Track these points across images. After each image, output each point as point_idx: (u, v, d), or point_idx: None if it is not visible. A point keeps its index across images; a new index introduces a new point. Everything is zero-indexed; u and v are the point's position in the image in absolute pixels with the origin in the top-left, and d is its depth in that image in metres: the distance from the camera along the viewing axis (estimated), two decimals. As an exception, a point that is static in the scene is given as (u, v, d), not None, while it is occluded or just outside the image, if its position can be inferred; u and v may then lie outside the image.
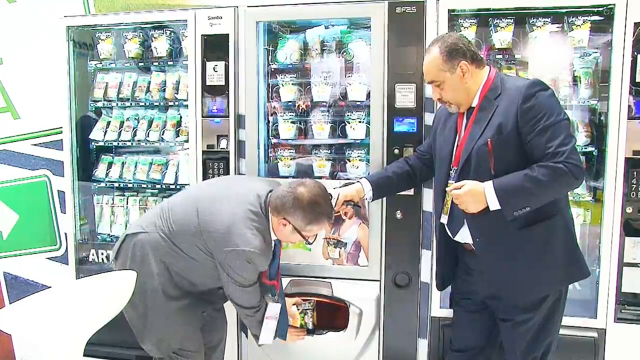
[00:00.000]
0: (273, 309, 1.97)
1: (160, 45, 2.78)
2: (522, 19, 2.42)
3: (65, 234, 3.02)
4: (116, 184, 2.93)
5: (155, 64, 2.85)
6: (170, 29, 2.80)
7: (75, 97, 2.90)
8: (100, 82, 2.96)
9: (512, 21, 2.41)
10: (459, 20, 2.43)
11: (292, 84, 2.60)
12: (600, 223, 2.26)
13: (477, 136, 1.76)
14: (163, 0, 3.15)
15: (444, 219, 1.89)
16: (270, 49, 2.62)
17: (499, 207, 1.68)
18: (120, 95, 2.91)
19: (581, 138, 2.37)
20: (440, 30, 2.29)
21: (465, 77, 1.79)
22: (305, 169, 2.62)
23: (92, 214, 2.99)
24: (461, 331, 2.07)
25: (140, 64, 2.89)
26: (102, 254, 2.95)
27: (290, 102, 2.62)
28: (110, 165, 2.97)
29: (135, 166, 2.89)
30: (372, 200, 2.16)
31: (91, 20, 2.88)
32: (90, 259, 2.96)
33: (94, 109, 3.00)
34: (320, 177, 2.53)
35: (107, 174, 2.94)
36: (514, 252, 1.76)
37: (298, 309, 2.20)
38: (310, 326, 2.28)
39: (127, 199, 2.94)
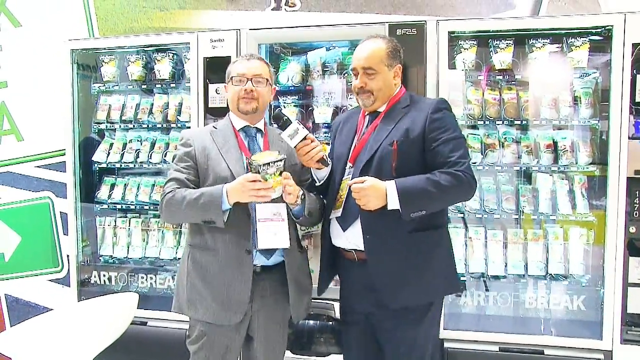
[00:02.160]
0: (263, 210, 1.81)
1: (163, 68, 2.88)
2: (521, 40, 2.50)
3: (68, 255, 3.10)
4: (118, 206, 3.00)
5: (158, 86, 2.94)
6: (173, 52, 2.90)
7: (79, 119, 2.99)
8: (103, 104, 3.05)
9: (511, 42, 2.49)
10: (459, 42, 2.53)
11: (294, 105, 2.68)
12: (604, 243, 2.30)
13: (383, 137, 1.83)
14: (166, 23, 3.28)
15: (337, 213, 1.88)
16: (272, 70, 2.68)
17: (397, 207, 1.72)
18: (123, 117, 2.99)
19: (583, 158, 2.43)
20: (441, 52, 2.38)
21: (395, 79, 1.91)
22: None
23: (95, 235, 3.05)
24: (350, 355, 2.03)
25: (143, 86, 2.98)
26: (104, 275, 3.00)
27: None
28: (112, 186, 3.04)
29: (138, 188, 2.96)
30: (322, 181, 1.97)
31: (95, 44, 2.99)
32: (92, 281, 3.01)
33: (97, 130, 3.08)
34: None
35: (109, 196, 3.01)
36: (402, 254, 1.80)
37: (270, 167, 1.76)
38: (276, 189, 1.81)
39: (130, 220, 3.00)
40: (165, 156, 2.88)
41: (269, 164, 1.72)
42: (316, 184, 1.99)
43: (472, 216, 2.56)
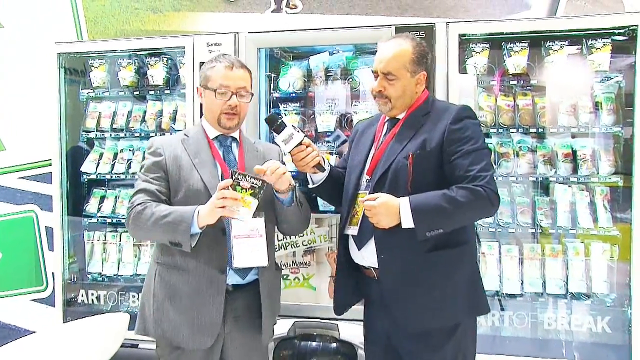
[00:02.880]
0: (239, 227, 1.79)
1: (157, 73, 2.96)
2: (537, 42, 2.56)
3: (53, 273, 3.14)
4: (108, 220, 3.06)
5: (151, 92, 3.02)
6: (167, 56, 2.99)
7: (66, 128, 3.07)
8: (92, 111, 3.13)
9: (526, 45, 2.55)
10: (470, 45, 2.59)
11: (295, 113, 2.76)
12: (630, 259, 2.34)
13: (399, 149, 1.84)
14: (159, 26, 3.38)
15: (353, 230, 1.90)
16: (272, 75, 2.79)
17: (412, 225, 1.73)
18: (114, 126, 3.07)
19: (604, 167, 2.48)
20: (450, 56, 2.46)
21: (417, 87, 1.90)
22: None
23: (82, 251, 3.11)
24: None
25: (135, 93, 3.07)
26: (92, 294, 3.06)
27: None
28: (102, 199, 3.10)
29: (130, 200, 3.00)
30: (319, 184, 2.01)
31: (84, 47, 3.07)
32: (79, 301, 3.06)
33: (85, 139, 3.16)
34: (324, 212, 2.65)
35: (99, 209, 3.08)
36: (418, 275, 1.80)
37: (244, 181, 1.72)
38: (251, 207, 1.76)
39: (120, 235, 3.06)
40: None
41: (245, 175, 1.70)
42: (310, 186, 2.02)
43: (484, 230, 2.60)
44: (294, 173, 1.97)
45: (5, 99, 3.51)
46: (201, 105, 2.05)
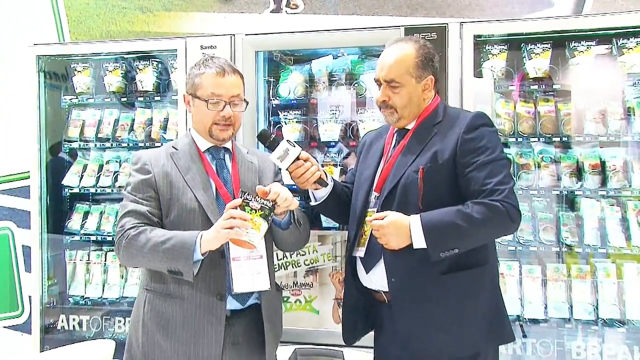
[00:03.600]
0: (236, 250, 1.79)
1: (146, 78, 2.99)
2: (561, 42, 2.57)
3: (30, 297, 3.12)
4: (93, 237, 3.08)
5: (139, 99, 3.05)
6: (158, 60, 3.01)
7: (46, 137, 3.09)
8: (75, 119, 3.15)
9: (549, 46, 2.57)
10: (486, 47, 2.62)
11: (297, 121, 2.78)
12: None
13: (408, 162, 1.83)
14: (149, 27, 3.41)
15: (360, 252, 1.90)
16: (272, 81, 2.82)
17: (424, 246, 1.73)
18: (99, 135, 3.09)
19: (638, 180, 2.47)
20: (465, 59, 2.47)
21: (425, 93, 1.89)
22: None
23: (63, 272, 3.12)
24: None
25: (122, 99, 3.09)
26: (74, 320, 3.06)
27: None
28: (86, 215, 3.12)
29: (116, 216, 3.00)
30: (321, 201, 2.02)
31: (66, 49, 3.10)
32: (58, 327, 3.06)
33: (68, 150, 3.18)
34: (328, 228, 2.68)
35: (82, 226, 3.09)
36: (433, 299, 1.79)
37: (254, 201, 1.74)
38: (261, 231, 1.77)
39: (106, 254, 3.07)
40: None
41: (255, 196, 1.71)
42: (311, 203, 2.02)
43: (503, 248, 2.60)
44: (294, 186, 1.98)
45: (-22, 106, 3.54)
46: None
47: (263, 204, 1.72)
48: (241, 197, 1.71)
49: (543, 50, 2.58)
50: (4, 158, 3.51)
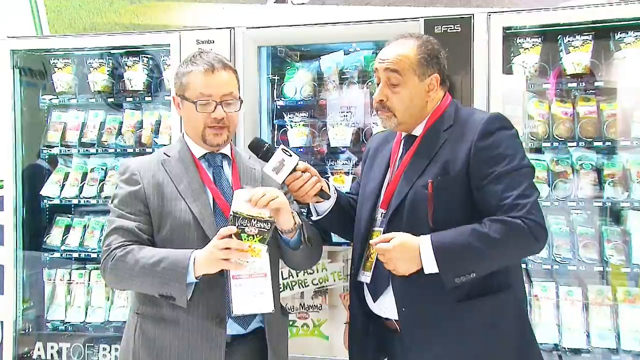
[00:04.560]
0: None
1: (135, 76, 3.01)
2: (604, 33, 2.56)
3: (2, 322, 3.10)
4: (75, 254, 3.09)
5: (128, 99, 3.07)
6: (148, 56, 3.04)
7: (22, 141, 3.11)
8: (56, 121, 3.18)
9: (590, 38, 2.56)
10: (517, 40, 2.62)
11: (304, 124, 2.80)
12: None
13: (416, 175, 1.82)
14: (139, 19, 3.44)
15: (366, 277, 1.90)
16: (276, 79, 2.84)
17: (436, 270, 1.72)
18: (83, 139, 3.12)
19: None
20: (492, 54, 2.48)
21: (430, 94, 1.88)
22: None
23: (41, 294, 3.13)
24: None
25: (109, 100, 3.11)
26: (52, 348, 3.06)
27: (301, 148, 2.80)
28: (67, 229, 3.14)
29: (102, 231, 3.04)
30: (324, 215, 2.05)
31: (44, 43, 3.13)
32: (34, 356, 3.06)
33: (47, 156, 3.20)
34: (339, 244, 2.67)
35: (63, 241, 3.11)
36: (449, 330, 1.78)
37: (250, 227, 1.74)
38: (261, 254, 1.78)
39: (89, 273, 3.08)
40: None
41: (250, 220, 1.69)
42: (313, 218, 2.03)
43: (537, 267, 2.59)
44: None
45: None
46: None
47: (260, 227, 1.71)
48: (234, 223, 1.70)
49: (583, 42, 2.57)
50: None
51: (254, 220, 1.71)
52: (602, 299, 2.57)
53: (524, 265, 2.61)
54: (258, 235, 1.72)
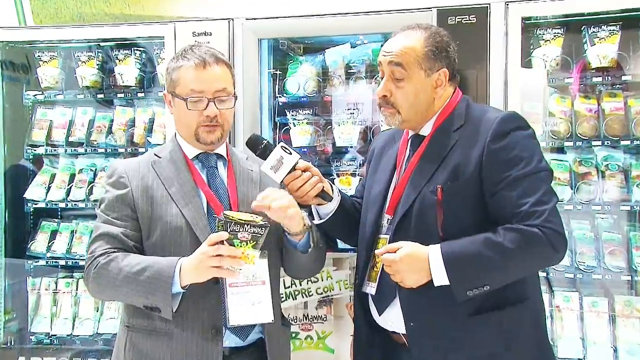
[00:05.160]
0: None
1: (127, 71, 3.03)
2: (632, 23, 2.56)
3: None
4: (62, 262, 3.10)
5: (119, 95, 3.08)
6: (141, 49, 3.06)
7: (4, 141, 3.14)
8: (41, 119, 3.19)
9: (617, 28, 2.56)
10: (538, 31, 2.63)
11: (307, 123, 2.82)
12: None
13: (424, 180, 1.82)
14: (130, 9, 3.43)
15: (371, 289, 1.90)
16: (278, 74, 2.85)
17: (446, 283, 1.72)
18: (71, 138, 3.13)
19: None
20: (511, 46, 2.49)
21: (437, 90, 1.88)
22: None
23: (24, 305, 3.14)
24: None
25: (99, 96, 3.13)
26: None
27: (304, 147, 2.82)
28: (53, 235, 3.14)
29: (90, 236, 3.10)
30: (327, 218, 2.05)
31: (28, 35, 3.14)
32: None
33: (32, 156, 3.21)
34: (344, 250, 2.67)
35: (48, 248, 3.11)
36: (462, 346, 1.78)
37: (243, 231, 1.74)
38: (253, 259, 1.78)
39: (77, 282, 3.09)
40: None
41: (243, 225, 1.69)
42: (315, 222, 2.02)
43: (559, 275, 2.60)
44: None
45: None
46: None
47: (254, 232, 1.71)
48: (225, 228, 1.70)
49: (610, 33, 2.57)
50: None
51: (247, 225, 1.70)
52: (630, 310, 2.57)
53: (544, 274, 2.62)
54: (251, 241, 1.72)
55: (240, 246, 1.71)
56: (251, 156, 2.04)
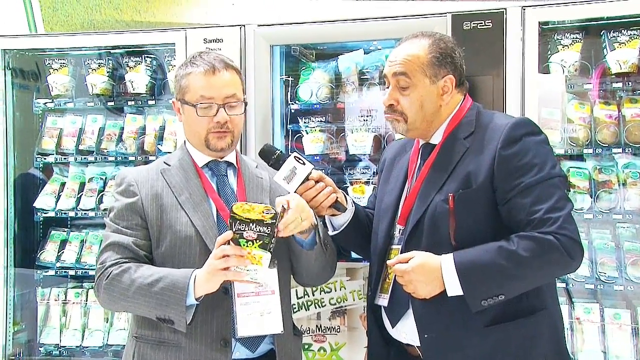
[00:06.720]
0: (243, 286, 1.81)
1: (137, 78, 3.06)
2: None
3: None
4: (71, 272, 3.12)
5: (130, 103, 3.12)
6: (152, 56, 3.09)
7: (14, 149, 3.17)
8: (51, 127, 3.22)
9: (638, 33, 2.55)
10: (555, 36, 2.64)
11: (320, 130, 2.84)
12: None
13: (436, 188, 1.84)
14: (141, 16, 3.48)
15: (383, 300, 1.91)
16: (290, 81, 2.88)
17: (460, 293, 1.73)
18: (81, 146, 3.16)
19: None
20: (528, 51, 2.50)
21: (444, 97, 1.90)
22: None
23: (33, 315, 3.17)
24: None
25: (109, 104, 3.16)
26: None
27: (317, 155, 2.83)
28: (63, 244, 3.17)
29: (100, 246, 3.13)
30: (341, 229, 2.07)
31: (38, 42, 3.19)
32: None
33: (41, 165, 3.25)
34: (358, 260, 2.70)
35: (58, 258, 3.14)
36: (477, 358, 1.79)
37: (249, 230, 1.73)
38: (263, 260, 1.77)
39: (87, 292, 3.12)
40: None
41: (248, 223, 1.70)
42: (330, 233, 2.05)
43: (579, 286, 2.58)
44: None
45: None
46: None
47: (260, 231, 1.71)
48: (231, 228, 1.71)
49: (630, 38, 2.56)
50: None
51: (253, 224, 1.71)
52: (653, 322, 2.54)
53: (563, 285, 2.62)
54: (258, 240, 1.72)
55: (247, 246, 1.71)
56: (261, 164, 2.06)
